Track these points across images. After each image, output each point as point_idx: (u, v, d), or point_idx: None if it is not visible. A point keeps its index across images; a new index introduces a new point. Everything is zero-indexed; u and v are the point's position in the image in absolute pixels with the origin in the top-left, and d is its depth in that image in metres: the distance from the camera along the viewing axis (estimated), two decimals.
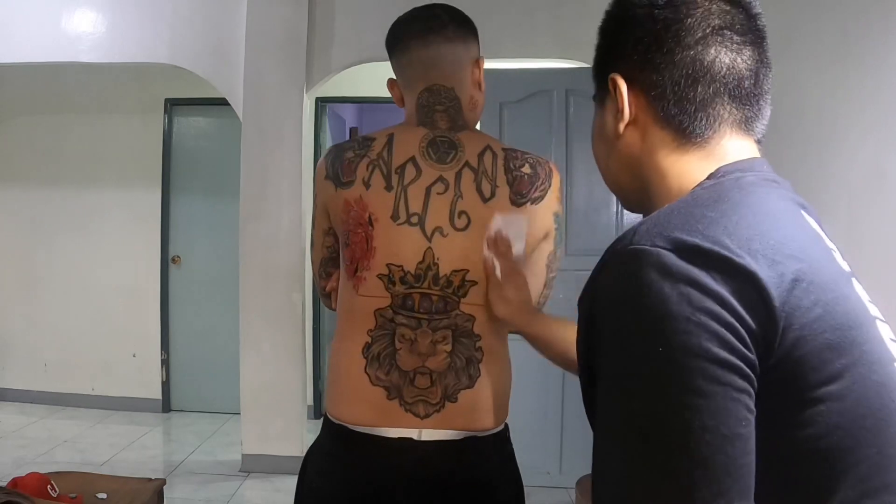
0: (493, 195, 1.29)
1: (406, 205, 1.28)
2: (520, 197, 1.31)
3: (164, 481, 2.58)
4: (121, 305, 4.88)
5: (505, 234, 1.27)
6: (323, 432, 1.35)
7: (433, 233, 1.27)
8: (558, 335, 1.25)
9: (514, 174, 1.31)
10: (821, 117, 3.19)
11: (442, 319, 1.27)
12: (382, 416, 1.26)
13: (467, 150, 1.31)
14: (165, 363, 4.89)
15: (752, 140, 0.74)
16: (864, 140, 3.14)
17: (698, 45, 0.71)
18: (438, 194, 1.28)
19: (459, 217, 1.28)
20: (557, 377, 3.45)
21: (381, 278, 1.27)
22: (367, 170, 1.29)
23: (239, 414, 3.92)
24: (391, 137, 1.32)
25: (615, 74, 0.76)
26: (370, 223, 1.28)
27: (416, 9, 1.36)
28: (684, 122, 0.72)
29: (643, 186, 0.77)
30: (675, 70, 0.72)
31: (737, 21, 0.72)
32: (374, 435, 1.26)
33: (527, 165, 1.33)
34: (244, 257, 3.82)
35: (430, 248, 1.27)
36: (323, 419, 1.35)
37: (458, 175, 1.29)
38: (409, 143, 1.31)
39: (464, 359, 1.28)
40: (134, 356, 4.89)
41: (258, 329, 3.81)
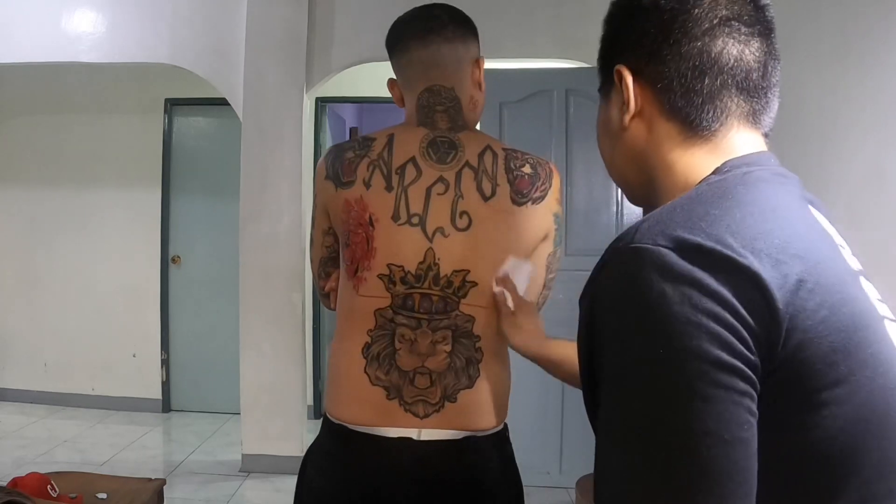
0: (493, 194, 1.29)
1: (406, 205, 1.28)
2: (520, 196, 1.31)
3: (164, 481, 2.58)
4: (121, 305, 4.88)
5: (513, 278, 1.28)
6: (322, 432, 1.35)
7: (434, 233, 1.27)
8: (568, 356, 1.24)
9: (515, 174, 1.31)
10: (820, 117, 3.19)
11: (442, 320, 1.27)
12: (382, 415, 1.26)
13: (467, 150, 1.31)
14: (165, 363, 4.89)
15: (759, 133, 0.73)
16: (864, 140, 3.13)
17: (705, 36, 0.70)
18: (439, 195, 1.28)
19: (461, 217, 1.28)
20: None
21: (381, 278, 1.27)
22: (368, 170, 1.29)
23: (239, 414, 3.92)
24: (391, 138, 1.32)
25: (621, 66, 0.74)
26: (371, 223, 1.28)
27: (415, 9, 1.36)
28: (691, 114, 0.71)
29: (649, 180, 0.76)
30: (681, 62, 0.70)
31: (744, 12, 0.71)
32: (373, 434, 1.26)
33: (527, 166, 1.33)
34: (244, 257, 3.82)
35: (430, 248, 1.27)
36: (322, 419, 1.36)
37: (459, 175, 1.29)
38: (410, 143, 1.31)
39: (463, 359, 1.28)
40: (134, 356, 4.89)
41: (258, 329, 3.81)
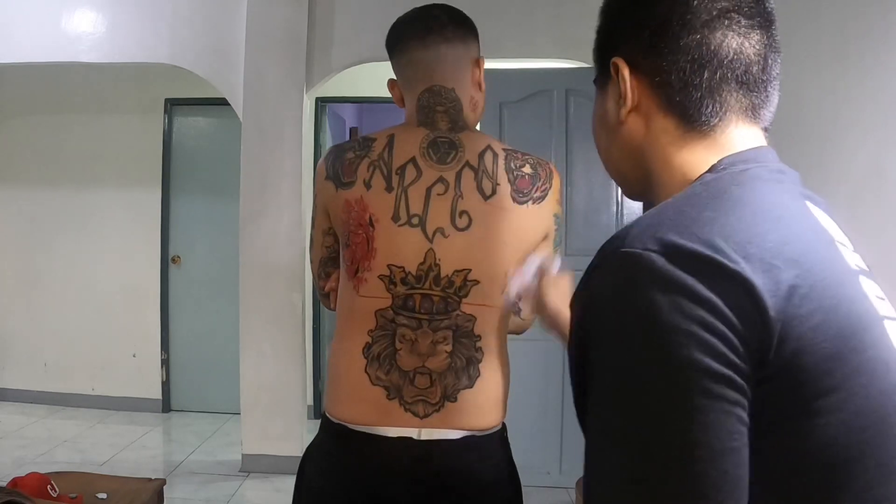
0: (494, 193, 1.29)
1: (407, 206, 1.28)
2: (521, 195, 1.31)
3: (164, 481, 2.58)
4: (121, 305, 4.87)
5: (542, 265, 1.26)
6: (322, 431, 1.35)
7: (434, 234, 1.27)
8: None
9: (515, 174, 1.31)
10: (820, 116, 3.19)
11: (443, 320, 1.27)
12: (382, 415, 1.27)
13: (468, 150, 1.31)
14: (165, 363, 4.89)
15: (758, 128, 0.71)
16: (863, 139, 3.13)
17: (704, 28, 0.68)
18: (439, 195, 1.28)
19: (461, 217, 1.28)
20: (557, 377, 3.45)
21: (381, 279, 1.27)
22: (368, 170, 1.29)
23: (239, 414, 3.92)
24: (392, 138, 1.32)
25: (617, 59, 0.72)
26: (371, 224, 1.28)
27: (415, 9, 1.36)
28: (689, 109, 0.69)
29: (646, 175, 0.74)
30: (680, 55, 0.68)
31: (744, 3, 0.69)
32: (373, 434, 1.27)
33: (527, 166, 1.33)
34: (244, 257, 3.82)
35: (431, 249, 1.27)
36: (322, 419, 1.36)
37: (459, 175, 1.29)
38: (410, 143, 1.31)
39: (464, 359, 1.28)
40: (134, 356, 4.89)
41: (258, 329, 3.81)
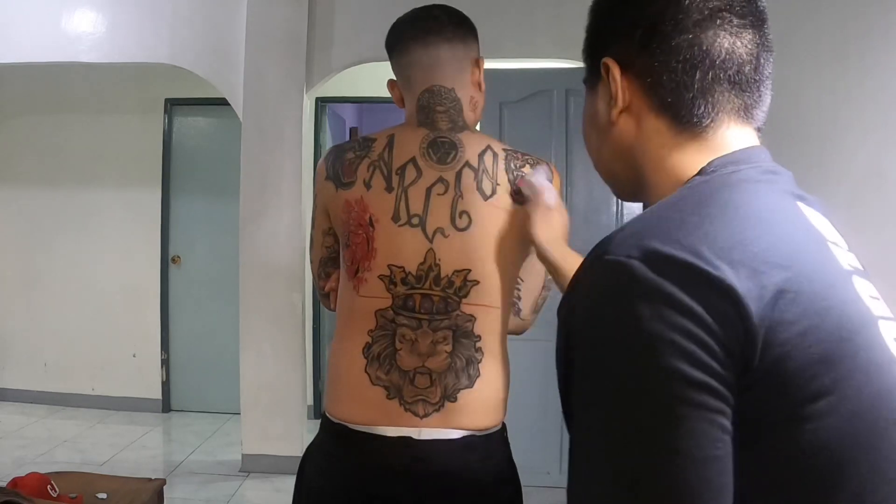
0: (493, 193, 1.29)
1: (407, 206, 1.28)
2: (521, 196, 1.31)
3: (164, 481, 2.58)
4: (121, 305, 4.88)
5: (542, 179, 1.29)
6: (322, 431, 1.35)
7: (434, 234, 1.27)
8: None
9: (515, 174, 1.32)
10: (820, 116, 3.19)
11: (443, 320, 1.27)
12: (382, 415, 1.27)
13: (468, 150, 1.31)
14: (165, 363, 4.89)
15: (751, 128, 0.71)
16: (863, 139, 3.13)
17: (696, 28, 0.67)
18: (439, 195, 1.28)
19: (461, 217, 1.28)
20: None
21: (382, 279, 1.28)
22: (368, 171, 1.30)
23: (239, 414, 3.92)
24: (392, 138, 1.32)
25: (608, 59, 0.71)
26: (371, 224, 1.28)
27: (415, 10, 1.36)
28: (681, 109, 0.68)
29: (637, 176, 0.73)
30: (671, 55, 0.67)
31: (736, 3, 0.68)
32: (373, 434, 1.27)
33: (527, 166, 1.33)
34: (244, 257, 3.82)
35: (431, 249, 1.27)
36: (322, 418, 1.36)
37: (459, 175, 1.29)
38: (410, 143, 1.31)
39: (464, 359, 1.28)
40: (134, 356, 4.89)
41: (258, 329, 3.81)
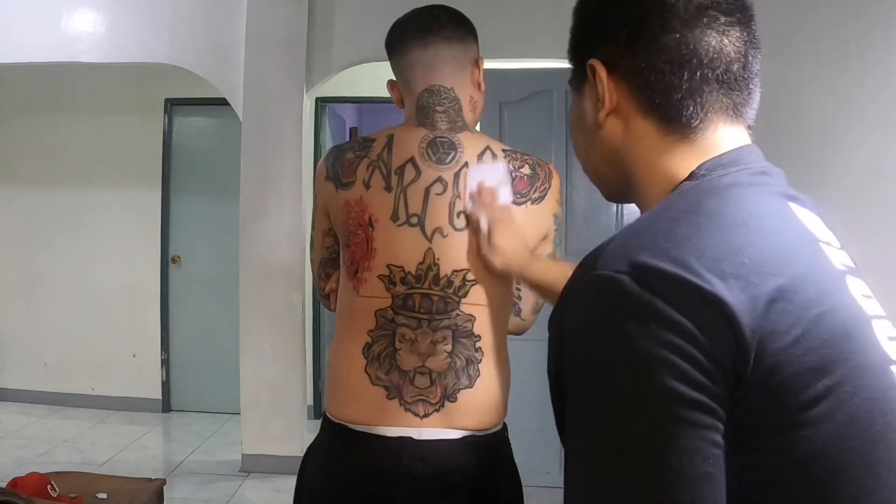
0: None
1: (406, 206, 1.28)
2: (520, 196, 1.31)
3: (164, 481, 2.58)
4: (121, 305, 4.88)
5: (487, 185, 1.27)
6: (322, 431, 1.35)
7: (433, 233, 1.28)
8: (556, 280, 1.20)
9: (514, 174, 1.32)
10: (820, 116, 3.19)
11: (442, 319, 1.28)
12: (382, 415, 1.27)
13: (467, 150, 1.31)
14: (165, 363, 4.89)
15: (742, 127, 0.69)
16: (863, 139, 3.13)
17: (683, 27, 0.66)
18: (437, 195, 1.28)
19: (459, 217, 1.28)
20: None
21: (381, 279, 1.28)
22: (367, 171, 1.30)
23: (239, 414, 3.92)
24: (391, 138, 1.32)
25: (594, 61, 0.70)
26: (370, 224, 1.28)
27: (415, 10, 1.36)
28: (670, 111, 0.67)
29: (625, 178, 0.72)
30: (658, 55, 0.66)
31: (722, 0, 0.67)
32: (373, 434, 1.27)
33: (526, 166, 1.33)
34: (244, 257, 3.82)
35: (430, 248, 1.27)
36: (322, 418, 1.36)
37: (457, 175, 1.29)
38: (409, 143, 1.31)
39: (464, 359, 1.28)
40: (134, 356, 4.89)
41: (258, 329, 3.81)
